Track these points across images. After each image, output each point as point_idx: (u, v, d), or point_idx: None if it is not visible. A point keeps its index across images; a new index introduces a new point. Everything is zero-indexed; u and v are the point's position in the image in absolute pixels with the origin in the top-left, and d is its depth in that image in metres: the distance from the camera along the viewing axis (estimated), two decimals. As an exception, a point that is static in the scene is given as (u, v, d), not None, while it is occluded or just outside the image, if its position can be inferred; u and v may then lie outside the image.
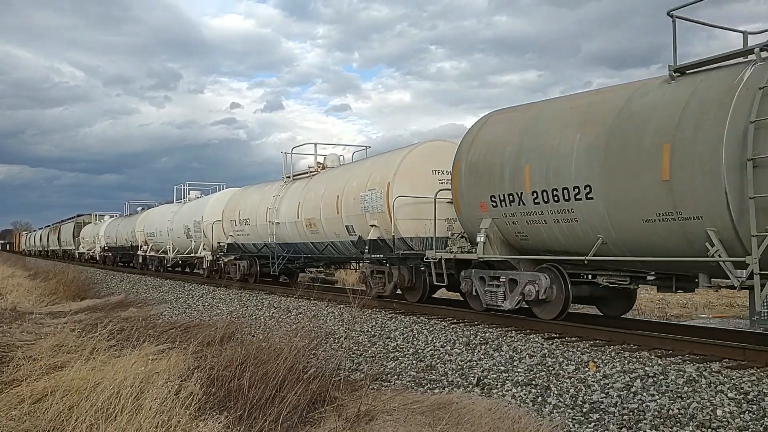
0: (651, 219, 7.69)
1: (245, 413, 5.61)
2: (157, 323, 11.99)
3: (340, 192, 14.52)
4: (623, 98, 8.40)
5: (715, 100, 7.17)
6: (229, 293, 17.31)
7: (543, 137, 9.25)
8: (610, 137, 8.20)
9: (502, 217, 9.83)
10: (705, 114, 7.20)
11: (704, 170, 7.07)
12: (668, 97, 7.77)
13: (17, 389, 6.59)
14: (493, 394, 6.55)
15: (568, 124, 8.94)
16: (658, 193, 7.55)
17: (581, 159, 8.51)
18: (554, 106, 9.71)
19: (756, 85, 6.78)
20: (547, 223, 9.13)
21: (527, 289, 9.62)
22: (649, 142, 7.69)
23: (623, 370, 6.81)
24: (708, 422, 5.26)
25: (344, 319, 11.42)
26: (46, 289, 20.30)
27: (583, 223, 8.58)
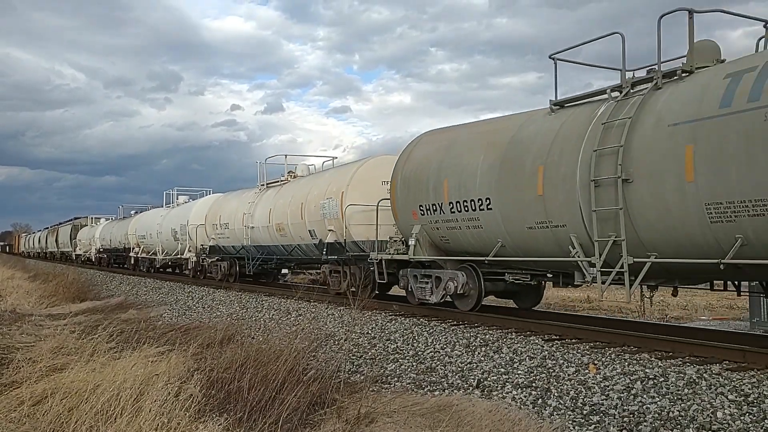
0: (532, 226, 9.29)
1: (245, 415, 5.61)
2: (157, 325, 11.99)
3: (304, 200, 16.16)
4: (516, 126, 10.04)
5: (575, 131, 8.71)
6: (228, 295, 17.32)
7: (458, 157, 10.87)
8: (504, 159, 9.79)
9: (429, 224, 11.39)
10: (567, 142, 8.74)
11: (566, 188, 8.62)
12: (546, 126, 9.36)
13: (17, 391, 6.59)
14: (494, 396, 6.55)
15: (476, 147, 10.58)
16: (535, 205, 9.12)
17: (483, 176, 10.11)
18: (468, 130, 11.46)
19: (600, 121, 8.33)
20: (461, 229, 10.69)
21: (448, 285, 11.16)
22: (530, 163, 9.26)
23: (623, 372, 6.81)
24: (708, 424, 5.26)
25: (344, 321, 11.41)
26: (45, 290, 20.29)
27: (486, 229, 10.17)
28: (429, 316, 11.56)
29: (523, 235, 9.52)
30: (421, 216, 11.50)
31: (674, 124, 7.48)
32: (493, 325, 10.22)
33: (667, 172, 7.46)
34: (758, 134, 6.56)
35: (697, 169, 7.11)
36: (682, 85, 7.83)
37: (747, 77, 6.91)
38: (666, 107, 7.72)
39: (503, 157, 9.79)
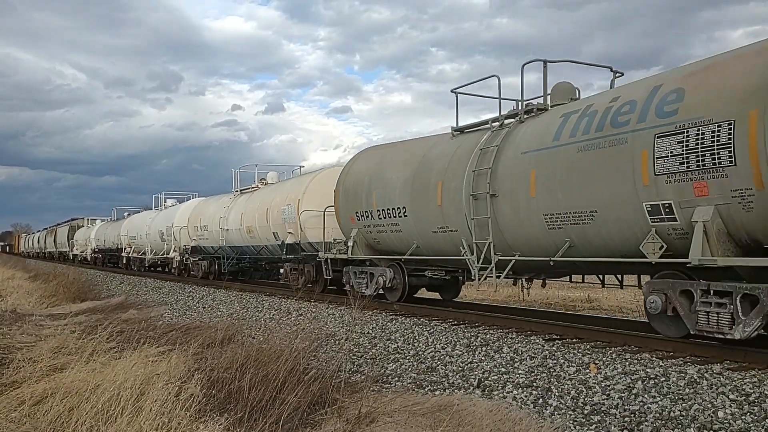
0: (436, 231, 11.29)
1: (246, 415, 5.60)
2: (158, 325, 11.98)
3: (269, 205, 18.20)
4: (427, 147, 12.13)
5: (464, 154, 10.66)
6: (229, 295, 17.32)
7: (384, 172, 12.91)
8: (415, 175, 11.84)
9: (363, 228, 13.39)
10: (459, 163, 10.69)
11: (456, 200, 10.60)
12: (447, 149, 11.40)
13: (17, 391, 6.58)
14: (494, 395, 6.54)
15: (397, 164, 12.63)
16: (437, 214, 11.13)
17: (401, 189, 12.11)
18: (394, 150, 13.54)
19: (479, 147, 10.32)
20: (387, 233, 12.71)
21: (379, 279, 13.03)
22: (433, 179, 11.28)
23: (624, 371, 6.80)
24: (709, 424, 5.25)
25: (345, 321, 11.41)
26: (46, 290, 20.28)
27: (405, 233, 12.18)
28: (430, 316, 11.57)
29: (430, 237, 11.57)
30: (357, 221, 13.50)
31: (525, 152, 9.52)
32: (494, 325, 10.22)
33: (519, 189, 9.44)
34: (574, 163, 8.58)
35: (538, 188, 9.13)
36: (535, 120, 9.86)
37: (572, 117, 8.93)
38: (522, 138, 9.73)
39: (415, 174, 11.86)
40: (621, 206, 8.06)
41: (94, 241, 42.16)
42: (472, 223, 10.22)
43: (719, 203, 7.03)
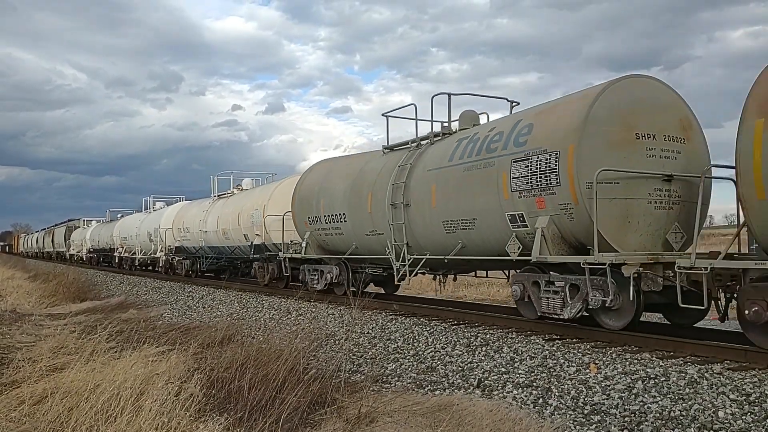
0: (368, 234, 13.05)
1: (245, 415, 5.60)
2: (157, 325, 11.98)
3: (241, 210, 20.12)
4: (364, 162, 14.00)
5: (389, 169, 12.39)
6: (229, 295, 17.32)
7: (330, 182, 14.71)
8: (353, 186, 13.59)
9: (314, 230, 15.13)
10: (385, 176, 12.45)
11: (382, 208, 12.35)
12: (378, 164, 13.16)
13: (17, 391, 6.58)
14: (494, 395, 6.54)
15: (340, 176, 14.48)
16: (368, 219, 12.95)
17: (343, 197, 13.88)
18: (340, 162, 15.50)
19: (399, 164, 12.14)
20: (332, 235, 14.43)
21: (327, 276, 14.64)
22: (365, 190, 13.07)
23: (624, 371, 6.80)
24: (710, 424, 5.25)
25: (344, 321, 11.41)
26: (46, 290, 20.28)
27: (345, 235, 13.93)
28: (430, 315, 11.56)
29: (364, 239, 13.29)
30: (309, 225, 15.27)
31: (429, 170, 11.32)
32: (494, 325, 10.22)
33: (425, 200, 11.24)
34: (461, 180, 10.40)
35: (437, 199, 10.94)
36: (440, 143, 11.70)
37: (463, 143, 10.76)
38: (428, 158, 11.58)
39: (353, 185, 13.61)
40: (492, 215, 9.91)
41: (89, 242, 43.79)
42: (392, 228, 12.10)
43: (552, 214, 8.89)
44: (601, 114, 8.53)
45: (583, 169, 8.31)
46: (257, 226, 18.62)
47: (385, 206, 12.18)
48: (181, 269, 26.06)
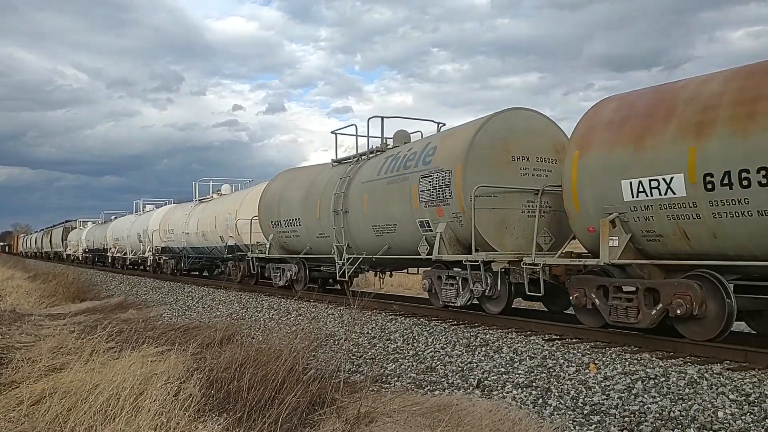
0: (318, 236, 15.13)
1: (245, 415, 5.58)
2: (157, 325, 11.97)
3: (217, 214, 22.38)
4: (316, 173, 16.08)
5: (335, 180, 14.37)
6: (228, 295, 17.31)
7: (289, 191, 16.72)
8: (306, 194, 15.66)
9: (276, 233, 17.19)
10: (330, 186, 14.46)
11: (327, 214, 14.29)
12: (327, 175, 15.14)
13: (16, 391, 6.56)
14: (494, 395, 6.53)
15: (297, 184, 16.53)
16: (317, 224, 14.98)
17: (298, 204, 15.92)
18: (298, 173, 17.60)
19: (341, 176, 14.18)
20: (291, 237, 16.52)
21: (287, 273, 16.82)
22: (315, 198, 15.12)
23: (624, 371, 6.79)
24: (709, 424, 5.24)
25: (344, 321, 11.40)
26: (45, 290, 20.26)
27: (301, 238, 16.06)
28: (429, 316, 11.56)
29: (315, 241, 15.35)
30: (273, 228, 17.26)
31: (363, 182, 13.33)
32: (494, 325, 10.22)
33: (359, 208, 13.20)
34: (385, 191, 12.47)
35: (368, 207, 12.94)
36: (373, 159, 13.70)
37: (389, 159, 12.84)
38: (363, 172, 13.60)
39: (306, 193, 15.66)
40: (407, 221, 11.90)
41: (85, 242, 45.96)
42: (334, 231, 14.02)
43: (448, 221, 10.91)
44: (484, 141, 10.60)
45: (468, 185, 10.31)
46: (231, 229, 20.85)
47: (330, 212, 14.09)
48: (166, 268, 28.51)
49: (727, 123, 7.05)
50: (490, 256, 10.15)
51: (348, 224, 13.63)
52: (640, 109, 8.24)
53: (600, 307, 8.59)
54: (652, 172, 7.73)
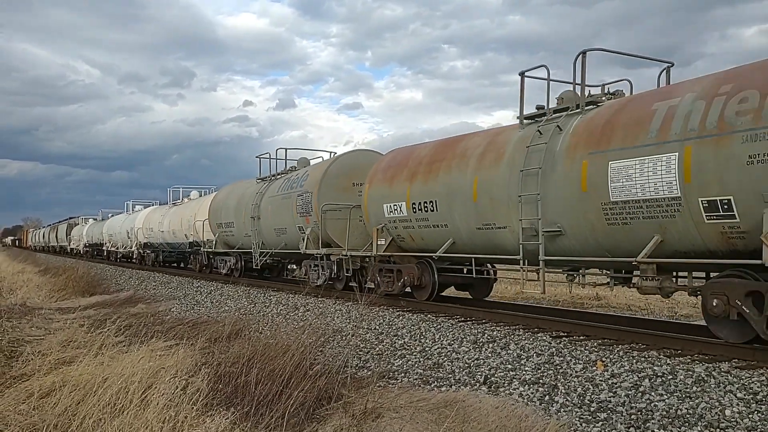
0: (245, 235, 19.55)
1: (252, 409, 5.62)
2: (166, 319, 12.04)
3: (183, 216, 27.21)
4: (246, 187, 20.61)
5: (256, 194, 19.49)
6: (237, 290, 17.38)
7: (229, 200, 21.60)
8: (238, 203, 20.51)
9: (220, 233, 22.09)
10: (251, 198, 19.62)
11: (248, 219, 19.44)
12: (253, 189, 19.79)
13: (26, 384, 6.63)
14: (500, 392, 6.53)
15: (234, 195, 21.31)
16: (244, 226, 19.59)
17: (233, 210, 20.88)
18: (236, 186, 22.20)
19: (258, 191, 19.38)
20: (229, 235, 21.55)
21: (228, 263, 22.03)
22: (243, 206, 19.95)
23: (631, 369, 6.78)
24: (716, 422, 5.23)
25: (352, 317, 11.42)
26: (55, 284, 20.41)
27: (236, 236, 20.81)
28: (437, 312, 11.56)
29: (243, 239, 19.99)
30: (218, 228, 22.24)
31: (269, 197, 18.34)
32: (501, 322, 10.21)
33: (267, 215, 18.49)
34: (281, 204, 17.56)
35: (272, 215, 18.15)
36: (278, 180, 18.44)
37: (285, 181, 17.78)
38: (270, 189, 18.43)
39: (237, 203, 20.56)
40: (291, 225, 16.60)
41: (86, 237, 50.89)
42: (254, 232, 18.85)
43: (312, 227, 15.45)
44: (333, 171, 15.41)
45: (321, 203, 14.98)
46: (192, 228, 25.48)
47: (249, 218, 19.07)
48: (148, 260, 33.65)
49: (422, 174, 12.14)
50: (329, 251, 15.02)
51: (261, 227, 18.58)
52: (396, 161, 13.33)
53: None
54: (395, 200, 12.72)
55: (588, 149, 8.73)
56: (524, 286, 10.23)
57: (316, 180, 15.42)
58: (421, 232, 12.17)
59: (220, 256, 22.83)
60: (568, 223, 9.06)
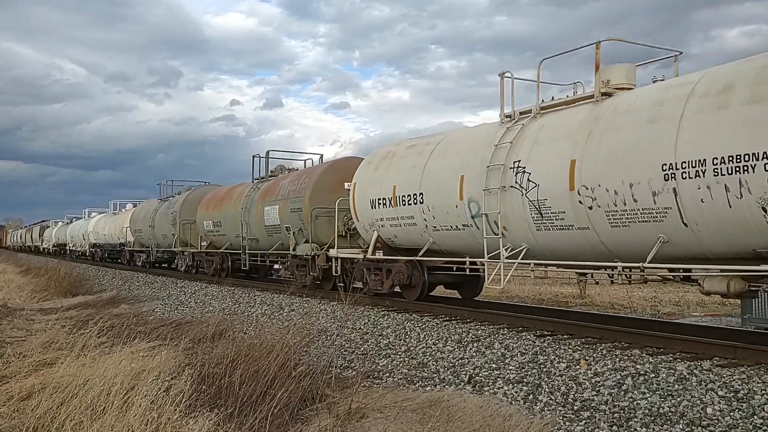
0: (165, 235, 26.20)
1: (236, 410, 5.59)
2: (149, 320, 11.94)
3: (117, 223, 35.25)
4: (151, 204, 29.16)
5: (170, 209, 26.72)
6: (221, 290, 17.28)
7: (141, 212, 29.59)
8: (145, 216, 28.86)
9: (137, 236, 30.35)
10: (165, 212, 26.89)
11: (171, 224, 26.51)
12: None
13: (6, 386, 6.55)
14: (485, 391, 6.55)
15: (145, 208, 29.78)
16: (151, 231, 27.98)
17: (142, 222, 29.14)
18: (147, 203, 30.23)
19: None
20: (144, 238, 29.08)
21: (142, 257, 30.44)
22: (179, 216, 24.95)
23: (614, 367, 6.82)
24: (698, 420, 5.28)
25: (336, 317, 11.40)
26: (37, 285, 20.19)
27: (144, 238, 29.39)
28: (422, 311, 11.57)
29: (148, 240, 28.01)
30: (134, 234, 29.94)
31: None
32: (486, 321, 10.23)
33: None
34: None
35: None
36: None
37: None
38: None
39: (144, 215, 28.59)
40: (168, 233, 24.30)
41: (54, 238, 58.85)
42: (147, 235, 26.80)
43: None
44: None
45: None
46: (121, 232, 33.83)
47: (148, 226, 27.20)
48: (96, 257, 40.55)
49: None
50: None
51: (154, 233, 26.46)
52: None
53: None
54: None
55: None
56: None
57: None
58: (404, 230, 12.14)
59: (137, 252, 31.67)
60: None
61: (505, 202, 9.52)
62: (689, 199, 7.10)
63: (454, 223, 10.73)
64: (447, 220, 10.89)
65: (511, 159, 9.51)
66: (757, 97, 6.61)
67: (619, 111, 8.27)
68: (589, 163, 8.25)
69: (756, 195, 6.50)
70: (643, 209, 7.61)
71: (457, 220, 10.65)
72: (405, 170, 12.02)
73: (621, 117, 8.14)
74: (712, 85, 7.20)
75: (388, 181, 12.35)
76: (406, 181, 11.84)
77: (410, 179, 11.73)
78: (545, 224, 8.99)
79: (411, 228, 11.85)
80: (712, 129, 6.91)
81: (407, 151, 12.42)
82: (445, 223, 10.98)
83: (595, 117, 8.56)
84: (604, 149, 8.12)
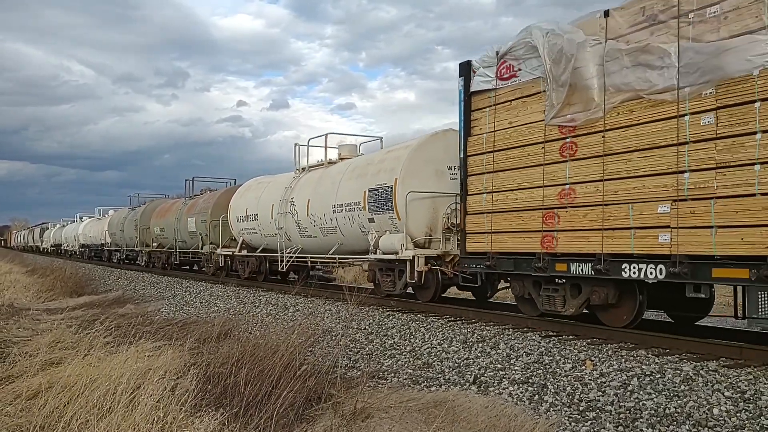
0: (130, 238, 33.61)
1: (241, 410, 5.59)
2: (154, 320, 11.98)
3: (100, 227, 41.66)
4: (123, 212, 37.02)
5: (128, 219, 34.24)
6: (226, 290, 17.31)
7: (117, 217, 36.77)
8: (119, 220, 36.05)
9: (112, 238, 37.27)
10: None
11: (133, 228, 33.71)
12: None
13: (13, 385, 6.57)
14: (490, 391, 6.55)
15: (121, 216, 36.27)
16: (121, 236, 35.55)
17: (116, 225, 36.34)
18: (121, 211, 37.82)
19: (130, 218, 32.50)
20: (118, 240, 35.71)
21: (117, 256, 36.17)
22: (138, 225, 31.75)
23: (620, 368, 6.81)
24: (704, 421, 5.26)
25: (341, 317, 11.41)
26: (43, 285, 20.24)
27: (117, 241, 36.59)
28: (427, 312, 11.57)
29: (129, 241, 33.30)
30: (110, 236, 37.33)
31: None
32: (491, 321, 10.23)
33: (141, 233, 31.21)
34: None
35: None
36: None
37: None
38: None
39: (118, 220, 35.97)
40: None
41: (52, 239, 64.85)
42: (120, 235, 34.39)
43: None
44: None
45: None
46: (102, 235, 39.51)
47: (119, 230, 33.36)
48: (85, 255, 46.33)
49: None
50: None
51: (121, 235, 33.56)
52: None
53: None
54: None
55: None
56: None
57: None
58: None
59: (113, 251, 36.99)
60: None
61: (287, 221, 16.63)
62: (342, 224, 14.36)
63: (272, 232, 17.53)
64: (268, 230, 17.75)
65: (289, 196, 16.66)
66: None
67: (329, 173, 15.55)
68: (314, 200, 15.37)
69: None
70: (330, 227, 14.80)
71: (272, 231, 17.46)
72: (252, 199, 19.07)
73: (328, 176, 15.41)
74: (350, 167, 14.74)
75: (244, 206, 19.41)
76: (252, 205, 18.86)
77: (253, 204, 18.79)
78: (303, 234, 16.04)
79: (254, 235, 18.94)
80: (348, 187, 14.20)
81: (256, 186, 19.65)
82: (267, 233, 17.90)
83: (320, 176, 15.89)
84: (320, 193, 15.31)
